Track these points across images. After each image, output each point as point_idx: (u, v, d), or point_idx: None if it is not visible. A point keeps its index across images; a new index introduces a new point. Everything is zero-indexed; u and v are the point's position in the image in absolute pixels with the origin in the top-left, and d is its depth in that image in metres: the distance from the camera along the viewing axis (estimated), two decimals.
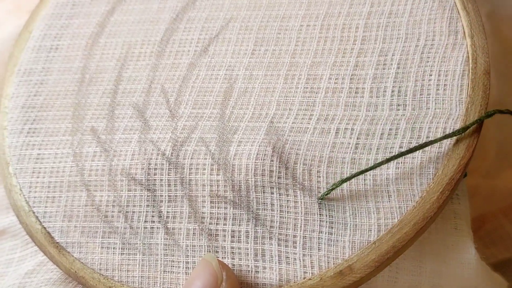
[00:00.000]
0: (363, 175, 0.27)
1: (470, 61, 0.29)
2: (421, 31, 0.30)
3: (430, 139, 0.27)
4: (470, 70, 0.29)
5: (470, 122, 0.27)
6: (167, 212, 0.29)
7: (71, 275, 0.29)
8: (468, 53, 0.29)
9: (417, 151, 0.27)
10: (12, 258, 0.32)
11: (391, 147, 0.28)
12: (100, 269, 0.29)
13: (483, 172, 0.30)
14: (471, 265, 0.27)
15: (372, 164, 0.27)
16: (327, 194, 0.27)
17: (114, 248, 0.29)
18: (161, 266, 0.28)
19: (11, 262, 0.32)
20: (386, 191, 0.27)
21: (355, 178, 0.27)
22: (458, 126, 0.28)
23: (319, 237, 0.27)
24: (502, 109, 0.28)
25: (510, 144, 0.33)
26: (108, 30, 0.34)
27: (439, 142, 0.27)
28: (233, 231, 0.28)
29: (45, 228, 0.30)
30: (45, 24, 0.35)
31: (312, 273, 0.27)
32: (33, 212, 0.30)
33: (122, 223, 0.29)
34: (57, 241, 0.29)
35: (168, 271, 0.28)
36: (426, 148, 0.27)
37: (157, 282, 0.28)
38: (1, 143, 0.32)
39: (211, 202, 0.28)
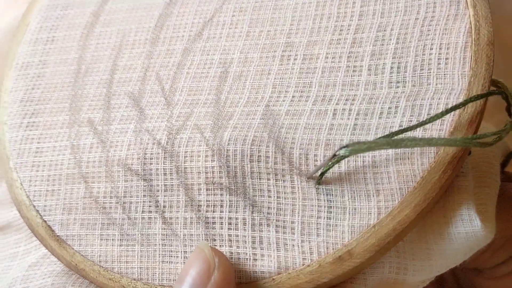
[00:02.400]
0: (361, 155, 0.26)
1: (473, 32, 0.27)
2: (421, 2, 0.29)
3: (430, 116, 0.26)
4: (473, 42, 0.27)
5: (471, 96, 0.26)
6: (164, 201, 0.28)
7: (72, 268, 0.29)
8: (470, 23, 0.28)
9: (418, 129, 0.26)
10: (16, 251, 0.32)
11: (390, 126, 0.27)
12: (100, 261, 0.28)
13: None
14: (478, 237, 0.26)
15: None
16: (321, 176, 0.26)
17: (113, 239, 0.29)
18: (159, 256, 0.28)
19: (15, 255, 0.32)
20: (386, 172, 0.26)
21: (354, 161, 0.26)
22: (460, 100, 0.26)
23: (317, 223, 0.26)
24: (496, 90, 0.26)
25: (510, 145, 0.32)
26: (103, 19, 0.33)
27: (440, 119, 0.26)
28: (230, 219, 0.27)
29: (45, 221, 0.30)
30: (41, 16, 0.35)
31: (311, 259, 0.26)
32: (34, 206, 0.30)
33: (120, 214, 0.29)
34: (58, 234, 0.29)
35: (167, 261, 0.28)
36: (427, 126, 0.26)
37: (156, 273, 0.28)
38: (2, 138, 0.32)
39: (207, 189, 0.28)
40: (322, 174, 0.26)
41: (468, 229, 0.26)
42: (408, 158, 0.26)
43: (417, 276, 0.28)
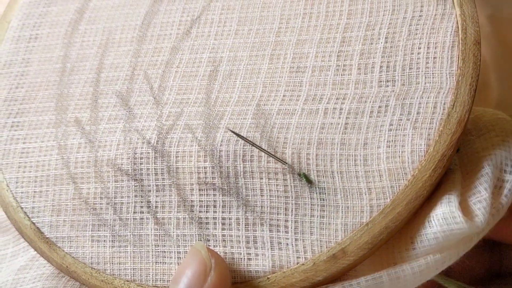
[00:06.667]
0: (353, 155, 0.27)
1: (460, 31, 0.28)
2: (409, 2, 0.29)
3: (420, 114, 0.27)
4: (460, 41, 0.28)
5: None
6: (156, 201, 0.28)
7: (63, 270, 0.29)
8: (457, 23, 0.28)
9: (408, 128, 0.27)
10: (5, 254, 0.31)
11: (381, 125, 0.27)
12: (91, 263, 0.28)
13: None
14: (456, 219, 0.26)
15: (363, 144, 0.27)
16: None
17: (104, 241, 0.28)
18: (152, 257, 0.28)
19: (4, 258, 0.31)
20: (378, 171, 0.26)
21: (346, 159, 0.27)
22: (449, 99, 0.27)
23: (311, 221, 0.27)
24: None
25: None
26: (88, 16, 0.33)
27: (430, 118, 0.27)
28: (224, 219, 0.27)
29: (34, 223, 0.29)
30: (23, 13, 0.34)
31: (305, 257, 0.26)
32: (21, 208, 0.30)
33: (111, 215, 0.28)
34: (47, 236, 0.29)
35: (160, 262, 0.28)
36: (417, 124, 0.27)
37: (149, 274, 0.28)
38: None
39: (199, 189, 0.28)
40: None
41: (445, 210, 0.26)
42: (399, 156, 0.26)
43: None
